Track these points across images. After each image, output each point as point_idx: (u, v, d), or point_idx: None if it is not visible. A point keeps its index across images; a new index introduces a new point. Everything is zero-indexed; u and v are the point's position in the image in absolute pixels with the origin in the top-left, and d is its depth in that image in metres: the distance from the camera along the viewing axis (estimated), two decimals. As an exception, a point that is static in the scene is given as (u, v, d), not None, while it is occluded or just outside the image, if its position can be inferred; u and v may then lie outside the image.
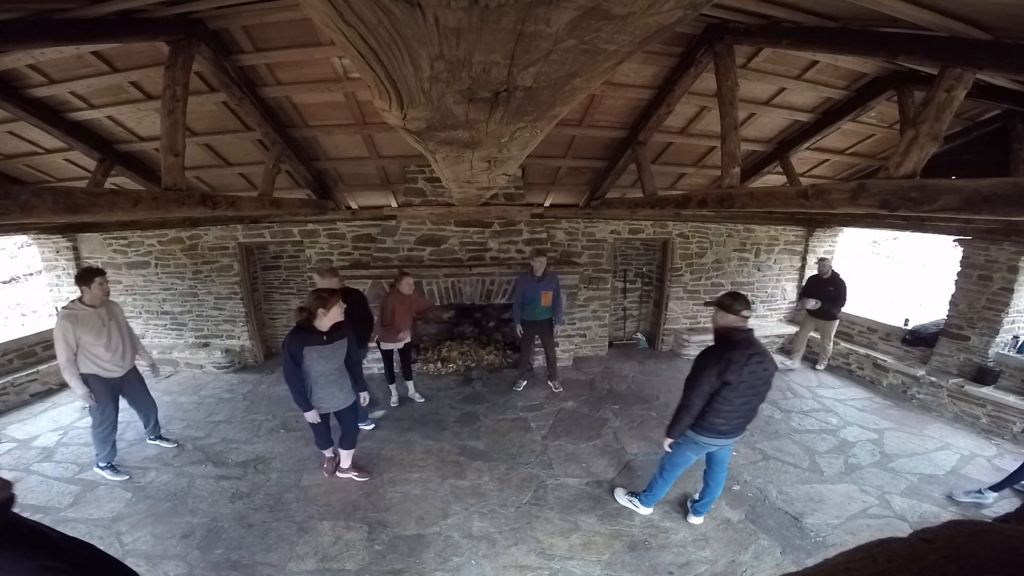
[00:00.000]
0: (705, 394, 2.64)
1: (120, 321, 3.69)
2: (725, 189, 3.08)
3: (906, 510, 3.34)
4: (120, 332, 3.64)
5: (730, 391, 2.60)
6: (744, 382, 2.59)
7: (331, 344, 3.14)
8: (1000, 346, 4.65)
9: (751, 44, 3.00)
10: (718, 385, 2.60)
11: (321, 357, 3.12)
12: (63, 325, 3.34)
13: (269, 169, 4.09)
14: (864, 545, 0.44)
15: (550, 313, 5.01)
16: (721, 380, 2.58)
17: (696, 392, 2.65)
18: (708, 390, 2.63)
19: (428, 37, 0.56)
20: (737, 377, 2.56)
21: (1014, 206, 1.65)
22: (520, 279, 5.00)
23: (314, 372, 3.14)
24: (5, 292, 11.40)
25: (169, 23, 2.59)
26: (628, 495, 3.38)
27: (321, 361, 3.12)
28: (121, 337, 3.64)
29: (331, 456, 3.71)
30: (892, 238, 14.61)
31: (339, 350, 3.21)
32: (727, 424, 2.72)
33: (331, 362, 3.18)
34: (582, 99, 2.03)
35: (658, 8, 0.51)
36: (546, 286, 4.88)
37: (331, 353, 3.16)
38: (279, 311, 6.66)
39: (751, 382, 2.61)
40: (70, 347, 3.36)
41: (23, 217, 1.80)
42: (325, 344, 3.11)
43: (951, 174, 3.87)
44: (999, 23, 1.86)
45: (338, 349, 3.20)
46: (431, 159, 1.54)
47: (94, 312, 3.46)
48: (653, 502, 3.25)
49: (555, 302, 4.99)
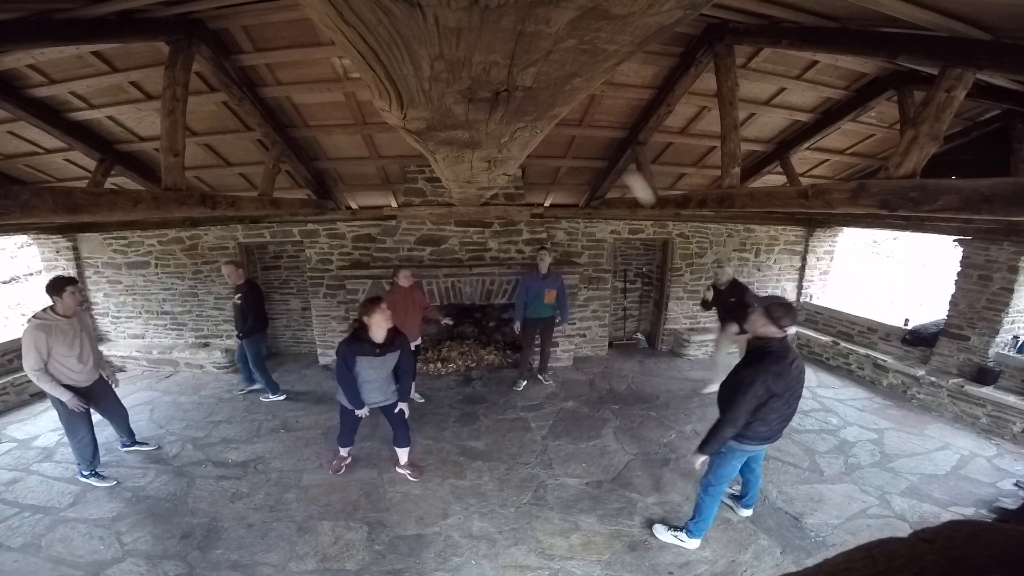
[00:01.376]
0: (751, 410, 2.53)
1: (90, 331, 3.58)
2: (725, 189, 3.08)
3: (906, 510, 3.34)
4: (90, 342, 3.51)
5: (776, 401, 2.53)
6: (789, 390, 2.56)
7: (382, 356, 3.23)
8: (1000, 346, 4.64)
9: (751, 44, 3.00)
10: (766, 398, 2.51)
11: (371, 367, 3.23)
12: (34, 335, 3.15)
13: (269, 169, 4.09)
14: (864, 545, 0.44)
15: (552, 311, 5.02)
16: (770, 393, 2.49)
17: (743, 409, 2.52)
18: (755, 405, 2.52)
19: (428, 37, 0.56)
20: (785, 387, 2.52)
21: (1014, 206, 1.65)
22: (524, 276, 5.00)
23: (360, 378, 3.26)
24: (5, 292, 11.39)
25: (169, 23, 2.59)
26: (671, 531, 3.03)
27: (371, 370, 3.25)
28: (91, 347, 3.51)
29: (344, 456, 3.74)
30: (892, 238, 14.60)
31: (389, 362, 3.30)
32: (770, 430, 2.67)
33: (379, 372, 3.29)
34: (582, 99, 2.03)
35: (658, 8, 0.51)
36: (550, 284, 4.89)
37: (381, 364, 3.26)
38: (279, 311, 6.66)
39: (794, 388, 2.59)
40: (41, 358, 3.17)
41: (23, 217, 1.80)
42: (376, 355, 3.20)
43: (951, 174, 3.87)
44: (999, 23, 1.86)
45: (388, 361, 3.29)
46: (431, 159, 1.54)
47: (67, 323, 3.30)
48: (703, 529, 2.95)
49: (560, 301, 4.99)
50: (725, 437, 2.62)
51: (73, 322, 3.35)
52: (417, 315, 4.59)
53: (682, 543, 2.96)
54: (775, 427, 2.68)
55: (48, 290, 3.28)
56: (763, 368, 2.48)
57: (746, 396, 2.49)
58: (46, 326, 3.21)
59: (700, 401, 5.01)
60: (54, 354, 3.25)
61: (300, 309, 6.59)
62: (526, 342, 5.24)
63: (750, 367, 2.53)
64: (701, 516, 2.91)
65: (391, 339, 3.23)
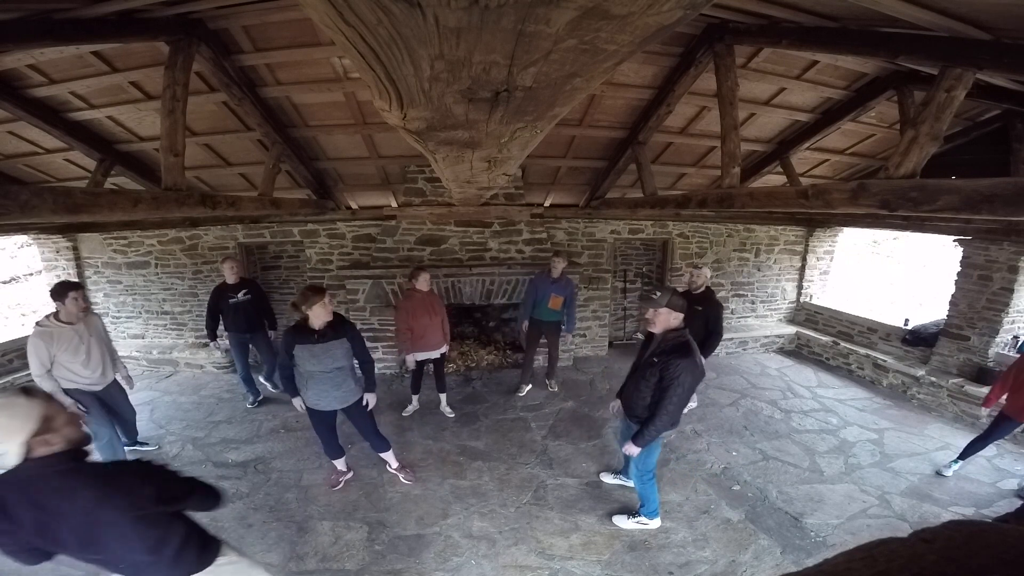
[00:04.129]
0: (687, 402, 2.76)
1: (101, 335, 3.53)
2: (725, 189, 3.08)
3: (906, 510, 3.34)
4: (100, 347, 3.46)
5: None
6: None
7: (322, 343, 3.04)
8: (1000, 346, 4.64)
9: (751, 44, 3.00)
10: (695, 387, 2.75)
11: (312, 356, 3.03)
12: (35, 344, 3.15)
13: (269, 169, 4.09)
14: (864, 545, 0.44)
15: (557, 316, 4.86)
16: (697, 382, 2.70)
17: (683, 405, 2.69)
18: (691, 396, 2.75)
19: (428, 37, 0.56)
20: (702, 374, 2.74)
21: (1014, 206, 1.65)
22: (535, 277, 4.89)
23: (306, 370, 3.08)
24: (5, 292, 11.39)
25: (169, 23, 2.59)
26: (631, 518, 3.18)
27: (312, 360, 3.04)
28: (101, 352, 3.46)
29: (343, 470, 3.59)
30: (892, 238, 14.61)
31: (332, 350, 3.09)
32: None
33: (323, 361, 3.07)
34: (582, 99, 2.03)
35: (658, 8, 0.51)
36: (559, 289, 4.72)
37: (323, 353, 3.05)
38: (279, 311, 6.64)
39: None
40: (43, 365, 3.18)
41: (23, 217, 1.80)
42: (315, 343, 3.03)
43: (951, 174, 3.87)
44: (999, 23, 1.86)
45: (331, 349, 3.08)
46: (431, 159, 1.54)
47: (71, 329, 3.26)
48: (656, 511, 3.11)
49: (568, 309, 4.84)
50: (663, 431, 2.72)
51: (78, 328, 3.31)
52: (439, 322, 4.32)
53: (646, 526, 3.13)
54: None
55: (52, 295, 3.27)
56: (691, 361, 2.56)
57: (686, 390, 2.59)
58: (47, 334, 3.19)
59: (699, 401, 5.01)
60: (58, 360, 3.23)
61: (292, 305, 6.58)
62: (530, 344, 5.09)
63: (680, 361, 2.56)
64: (648, 501, 3.08)
65: (333, 327, 3.06)
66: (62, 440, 1.41)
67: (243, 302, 4.71)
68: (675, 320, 2.64)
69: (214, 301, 4.72)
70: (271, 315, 5.03)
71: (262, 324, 4.91)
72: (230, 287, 4.70)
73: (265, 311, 4.95)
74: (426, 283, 4.21)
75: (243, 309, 4.72)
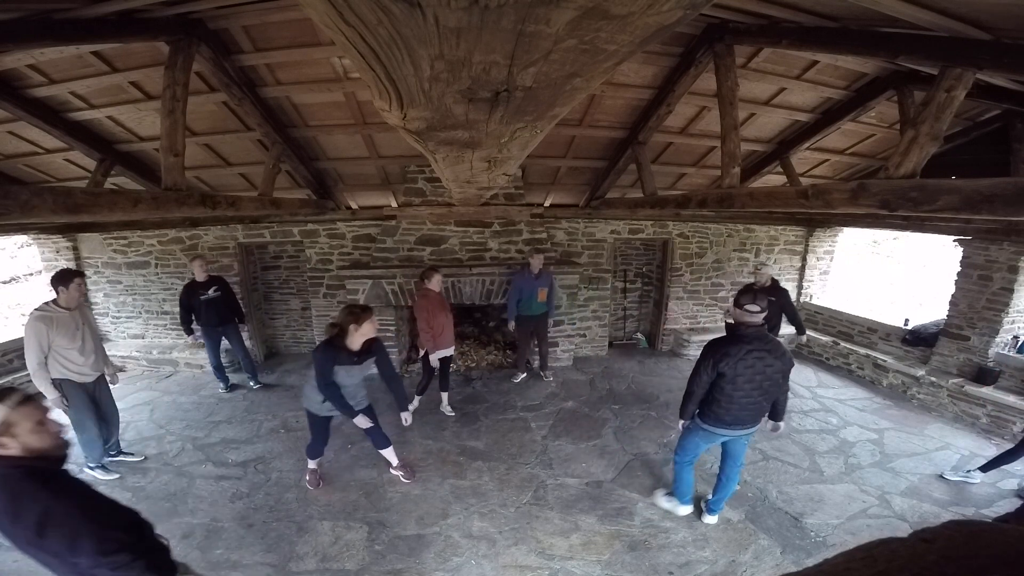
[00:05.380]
0: (704, 383, 2.74)
1: (92, 325, 3.62)
2: (725, 189, 3.08)
3: (906, 510, 3.34)
4: (92, 336, 3.53)
5: (726, 383, 2.67)
6: (741, 375, 2.63)
7: (360, 364, 3.09)
8: (1000, 346, 4.64)
9: (751, 44, 3.00)
10: (714, 375, 2.69)
11: (348, 375, 3.07)
12: (36, 327, 3.20)
13: (269, 169, 4.09)
14: (864, 545, 0.44)
15: (546, 307, 5.21)
16: (716, 371, 2.67)
17: (695, 380, 2.77)
18: (706, 380, 2.73)
19: (428, 37, 0.56)
20: (732, 370, 2.62)
21: (1014, 206, 1.65)
22: (516, 276, 5.07)
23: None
24: (5, 292, 11.39)
25: (169, 23, 2.59)
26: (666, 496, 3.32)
27: (346, 377, 3.08)
28: (93, 341, 3.53)
29: (314, 468, 3.57)
30: (892, 238, 14.60)
31: (366, 369, 3.16)
32: (729, 414, 2.76)
33: (354, 378, 3.14)
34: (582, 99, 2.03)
35: (658, 8, 0.51)
36: (542, 283, 5.03)
37: (358, 372, 3.12)
38: (279, 311, 6.67)
39: (749, 376, 2.64)
40: (42, 350, 3.24)
41: (23, 217, 1.80)
42: (354, 364, 3.06)
43: (951, 174, 3.87)
44: (999, 23, 1.86)
45: (366, 368, 3.16)
46: (431, 159, 1.54)
47: (69, 315, 3.34)
48: (683, 494, 3.20)
49: (549, 297, 5.17)
50: (688, 406, 2.87)
51: (75, 315, 3.41)
52: (451, 322, 4.40)
53: (675, 509, 3.24)
54: (733, 413, 2.75)
55: (55, 280, 3.35)
56: (714, 348, 2.70)
57: (696, 368, 2.76)
58: (47, 318, 3.27)
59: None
60: (55, 346, 3.30)
61: (300, 309, 6.60)
62: (522, 338, 5.42)
63: (708, 344, 2.76)
64: (675, 482, 3.23)
65: (368, 346, 3.07)
66: (19, 447, 1.46)
67: (213, 298, 4.94)
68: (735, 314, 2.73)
69: (186, 298, 4.96)
70: (239, 311, 5.35)
71: (232, 319, 5.18)
72: (200, 284, 4.92)
73: (233, 307, 5.23)
74: (439, 283, 4.32)
75: (214, 305, 4.96)
